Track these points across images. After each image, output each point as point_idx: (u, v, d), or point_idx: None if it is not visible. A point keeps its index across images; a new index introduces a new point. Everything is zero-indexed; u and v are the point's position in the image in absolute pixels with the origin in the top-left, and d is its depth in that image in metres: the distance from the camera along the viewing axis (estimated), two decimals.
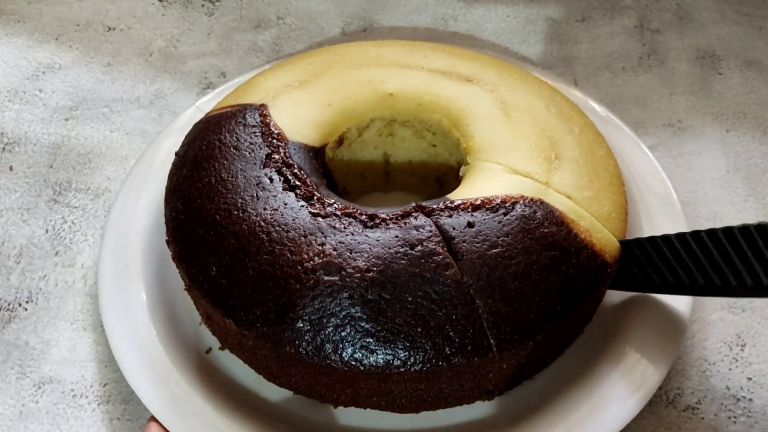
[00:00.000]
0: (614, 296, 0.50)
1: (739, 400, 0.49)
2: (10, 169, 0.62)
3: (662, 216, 0.54)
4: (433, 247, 0.43)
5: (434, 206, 0.45)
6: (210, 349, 0.50)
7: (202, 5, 0.75)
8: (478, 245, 0.43)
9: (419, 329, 0.41)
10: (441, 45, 0.57)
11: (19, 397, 0.50)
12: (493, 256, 0.43)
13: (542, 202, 0.46)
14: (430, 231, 0.44)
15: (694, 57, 0.69)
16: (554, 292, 0.43)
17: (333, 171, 0.53)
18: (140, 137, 0.64)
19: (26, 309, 0.54)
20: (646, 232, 0.53)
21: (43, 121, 0.66)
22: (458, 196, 0.46)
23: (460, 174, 0.50)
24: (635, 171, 0.56)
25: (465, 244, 0.43)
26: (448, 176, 0.56)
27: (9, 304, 0.54)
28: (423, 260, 0.42)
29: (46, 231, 0.58)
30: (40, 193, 0.61)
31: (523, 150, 0.49)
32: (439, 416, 0.46)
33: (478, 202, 0.45)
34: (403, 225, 0.44)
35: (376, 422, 0.46)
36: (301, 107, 0.52)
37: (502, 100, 0.52)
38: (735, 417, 0.48)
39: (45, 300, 0.55)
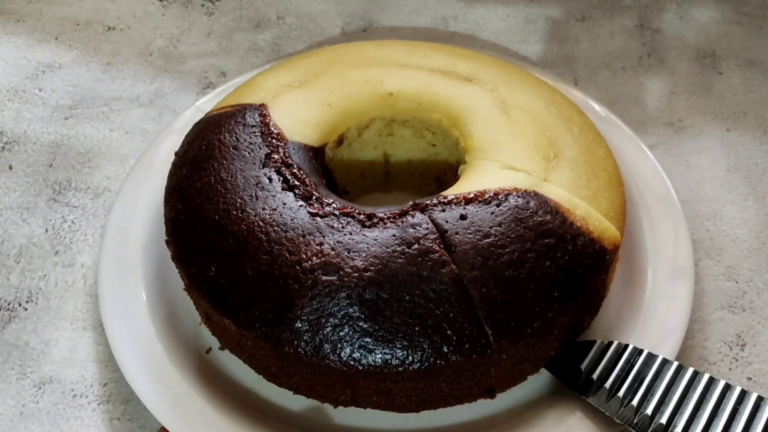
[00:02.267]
0: (614, 296, 0.50)
1: None
2: (10, 168, 0.62)
3: (662, 215, 0.54)
4: (430, 245, 0.43)
5: (428, 202, 0.45)
6: (210, 349, 0.50)
7: (202, 5, 0.75)
8: (470, 236, 0.43)
9: (417, 328, 0.41)
10: (441, 45, 0.57)
11: (19, 398, 0.50)
12: (486, 246, 0.43)
13: (536, 194, 0.45)
14: (427, 229, 0.44)
15: (694, 57, 0.69)
16: (550, 278, 0.43)
17: (333, 171, 0.52)
18: (140, 136, 0.64)
19: (26, 309, 0.54)
20: (646, 231, 0.53)
21: (42, 120, 0.66)
22: (452, 191, 0.46)
23: (459, 173, 0.50)
24: (635, 170, 0.56)
25: (458, 236, 0.43)
26: (447, 175, 0.55)
27: (9, 304, 0.54)
28: (420, 259, 0.42)
29: (46, 230, 0.58)
30: (40, 192, 0.61)
31: (521, 149, 0.49)
32: (440, 416, 0.46)
33: (471, 195, 0.45)
34: (400, 224, 0.44)
35: (376, 422, 0.46)
36: (301, 107, 0.52)
37: (502, 100, 0.52)
38: None
39: (45, 300, 0.55)
